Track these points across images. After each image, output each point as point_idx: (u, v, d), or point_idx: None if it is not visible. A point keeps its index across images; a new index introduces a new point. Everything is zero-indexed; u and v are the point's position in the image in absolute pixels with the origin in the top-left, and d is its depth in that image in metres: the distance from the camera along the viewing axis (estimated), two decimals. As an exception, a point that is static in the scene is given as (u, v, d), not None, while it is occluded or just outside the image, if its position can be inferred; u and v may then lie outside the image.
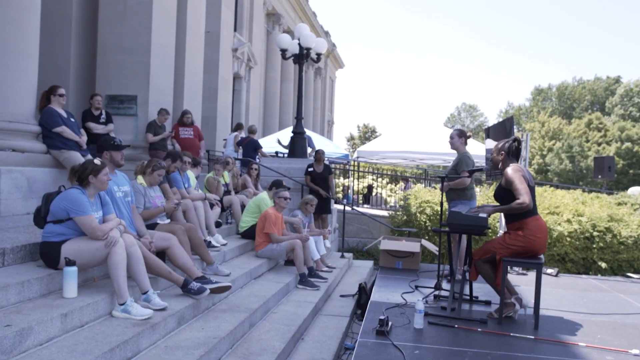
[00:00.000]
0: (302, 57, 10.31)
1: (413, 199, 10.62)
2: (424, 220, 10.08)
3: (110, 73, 9.22)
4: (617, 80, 64.18)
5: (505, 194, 4.49)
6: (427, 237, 10.03)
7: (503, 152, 4.66)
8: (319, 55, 10.60)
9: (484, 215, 4.40)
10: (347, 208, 10.88)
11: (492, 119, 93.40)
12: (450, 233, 5.06)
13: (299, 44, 10.26)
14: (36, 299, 3.65)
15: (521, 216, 4.41)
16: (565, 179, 50.00)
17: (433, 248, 7.24)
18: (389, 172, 19.10)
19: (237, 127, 11.76)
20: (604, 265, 9.32)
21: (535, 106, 67.77)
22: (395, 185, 21.36)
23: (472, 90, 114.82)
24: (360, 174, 16.07)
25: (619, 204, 10.96)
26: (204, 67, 12.12)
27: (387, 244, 6.76)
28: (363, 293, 7.04)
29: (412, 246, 6.76)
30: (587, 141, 53.51)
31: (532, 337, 4.03)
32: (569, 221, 9.80)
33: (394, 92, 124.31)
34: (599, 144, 53.76)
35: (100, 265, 4.16)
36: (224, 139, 13.41)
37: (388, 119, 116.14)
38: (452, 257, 4.69)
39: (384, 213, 12.02)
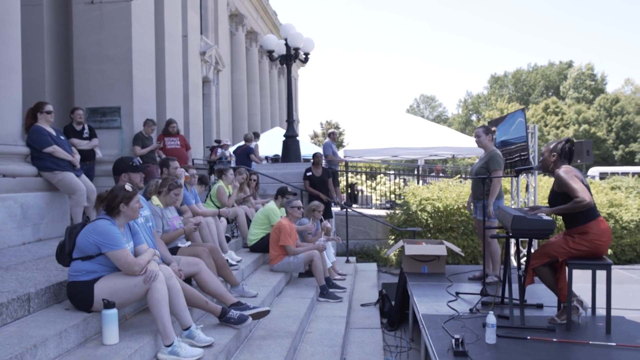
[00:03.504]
0: (290, 57, 9.91)
1: (411, 197, 10.37)
2: (425, 218, 9.83)
3: (89, 84, 8.62)
4: (570, 65, 65.87)
5: (560, 198, 4.22)
6: (429, 236, 9.81)
7: (555, 153, 4.38)
8: (306, 54, 10.23)
9: (549, 217, 4.13)
10: (340, 209, 10.58)
11: (452, 109, 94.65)
12: (513, 238, 4.78)
13: (286, 44, 9.86)
14: (75, 349, 3.19)
15: (583, 220, 4.15)
16: (528, 164, 50.88)
17: (457, 249, 6.98)
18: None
19: (255, 136, 11.31)
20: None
21: (492, 94, 68.94)
22: (374, 182, 21.12)
23: (430, 81, 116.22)
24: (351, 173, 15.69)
25: (613, 188, 10.99)
26: (173, 73, 11.58)
27: (411, 249, 6.45)
28: (386, 301, 6.76)
29: (437, 249, 6.47)
30: (546, 125, 54.72)
31: (614, 343, 3.78)
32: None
33: (354, 87, 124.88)
34: (557, 128, 55.05)
35: (136, 302, 3.73)
36: (208, 147, 12.93)
37: (350, 114, 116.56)
38: (498, 261, 4.40)
39: (381, 212, 11.73)
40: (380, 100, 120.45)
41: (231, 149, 12.17)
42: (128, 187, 3.62)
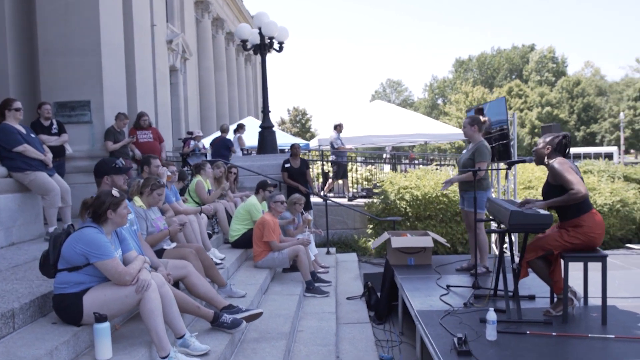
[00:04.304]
0: (265, 47, 9.68)
1: (390, 186, 10.33)
2: (404, 206, 9.81)
3: (56, 78, 8.23)
4: (532, 48, 66.91)
5: (555, 190, 4.23)
6: (408, 224, 9.80)
7: (550, 146, 4.39)
8: (281, 43, 10.01)
9: (546, 212, 4.11)
10: (319, 200, 10.49)
11: (418, 93, 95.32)
12: (510, 233, 4.72)
13: (260, 33, 9.62)
14: (66, 367, 3.02)
15: (578, 212, 4.16)
16: (494, 147, 51.90)
17: (442, 240, 6.96)
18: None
19: (240, 127, 11.06)
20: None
21: (458, 78, 69.64)
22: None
23: (396, 66, 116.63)
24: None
25: (585, 172, 11.16)
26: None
27: (397, 242, 6.40)
28: (372, 293, 6.72)
29: (423, 241, 6.43)
30: (510, 108, 55.56)
31: (612, 336, 3.79)
32: (545, 194, 9.85)
33: (320, 72, 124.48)
34: (521, 110, 56.01)
35: (127, 313, 3.56)
36: (180, 139, 12.64)
37: (317, 100, 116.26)
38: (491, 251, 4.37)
39: (358, 201, 11.65)
40: (347, 86, 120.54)
41: (204, 141, 11.91)
42: (115, 192, 3.44)
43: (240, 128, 11.70)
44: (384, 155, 22.44)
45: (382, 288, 6.54)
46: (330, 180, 12.36)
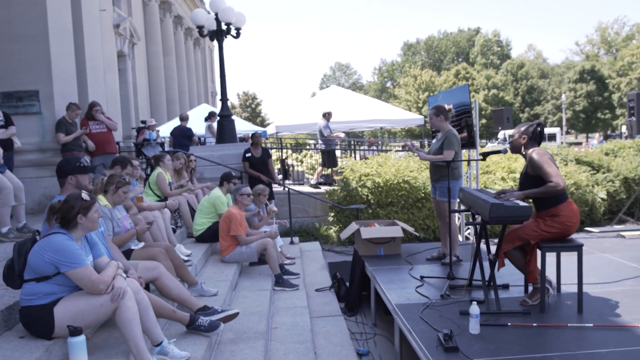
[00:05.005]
0: (222, 33, 9.37)
1: (350, 173, 10.28)
2: (365, 194, 9.79)
3: (0, 66, 7.75)
4: (478, 31, 68.19)
5: (533, 181, 4.28)
6: (370, 211, 9.81)
7: (526, 135, 4.42)
8: (238, 29, 9.72)
9: (525, 203, 4.14)
10: (280, 188, 10.35)
11: (367, 77, 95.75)
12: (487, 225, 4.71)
13: (217, 19, 9.30)
14: (40, 386, 2.82)
15: (554, 202, 4.21)
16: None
17: (411, 229, 6.97)
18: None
19: (212, 115, 10.69)
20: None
21: (406, 61, 70.31)
22: (300, 154, 20.96)
23: (345, 50, 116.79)
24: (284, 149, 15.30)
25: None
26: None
27: (367, 232, 6.34)
28: (341, 284, 6.67)
29: (392, 231, 6.41)
30: (458, 91, 56.52)
31: (591, 324, 3.86)
32: (503, 179, 10.06)
33: (270, 57, 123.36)
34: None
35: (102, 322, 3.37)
36: (133, 128, 12.20)
37: (267, 83, 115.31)
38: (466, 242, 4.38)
39: (319, 189, 11.57)
40: (297, 69, 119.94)
41: (160, 130, 11.50)
42: (85, 195, 3.21)
43: (212, 116, 11.31)
44: (336, 141, 22.45)
45: (352, 279, 6.51)
46: (319, 169, 12.19)
